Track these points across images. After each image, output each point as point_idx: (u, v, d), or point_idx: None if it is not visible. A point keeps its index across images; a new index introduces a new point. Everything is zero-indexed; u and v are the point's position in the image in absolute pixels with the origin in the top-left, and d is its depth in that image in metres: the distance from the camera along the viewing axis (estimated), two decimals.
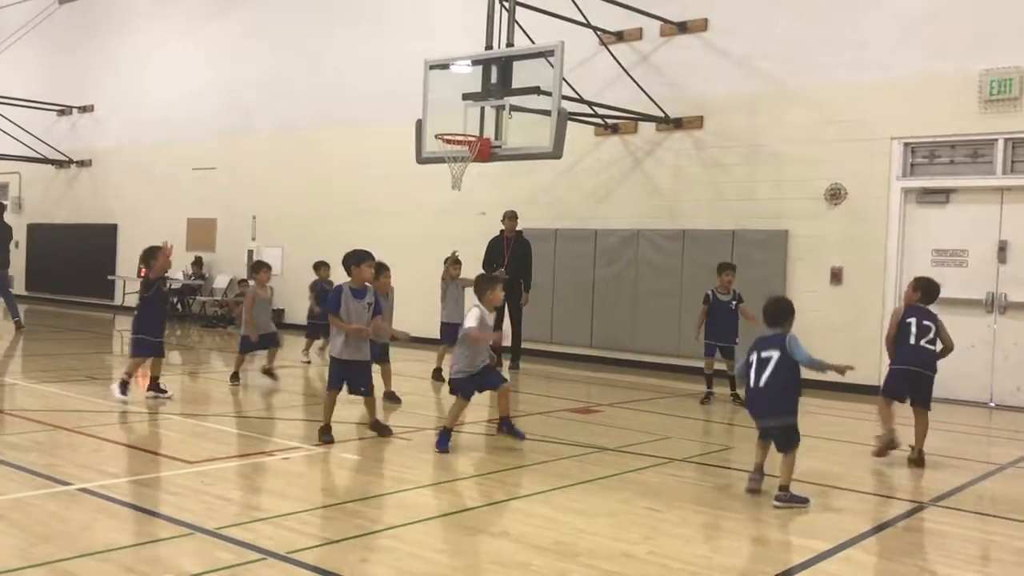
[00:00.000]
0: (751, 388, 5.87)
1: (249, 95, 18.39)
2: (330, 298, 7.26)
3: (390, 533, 4.74)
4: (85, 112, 21.91)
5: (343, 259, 7.39)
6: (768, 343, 5.85)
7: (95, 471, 5.87)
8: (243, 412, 8.73)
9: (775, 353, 5.75)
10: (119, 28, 21.32)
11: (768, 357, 5.77)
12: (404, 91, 13.59)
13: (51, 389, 9.43)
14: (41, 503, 5.10)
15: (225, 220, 18.82)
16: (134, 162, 20.70)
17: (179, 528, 4.67)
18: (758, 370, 5.80)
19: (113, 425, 7.63)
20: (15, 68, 23.22)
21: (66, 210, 22.22)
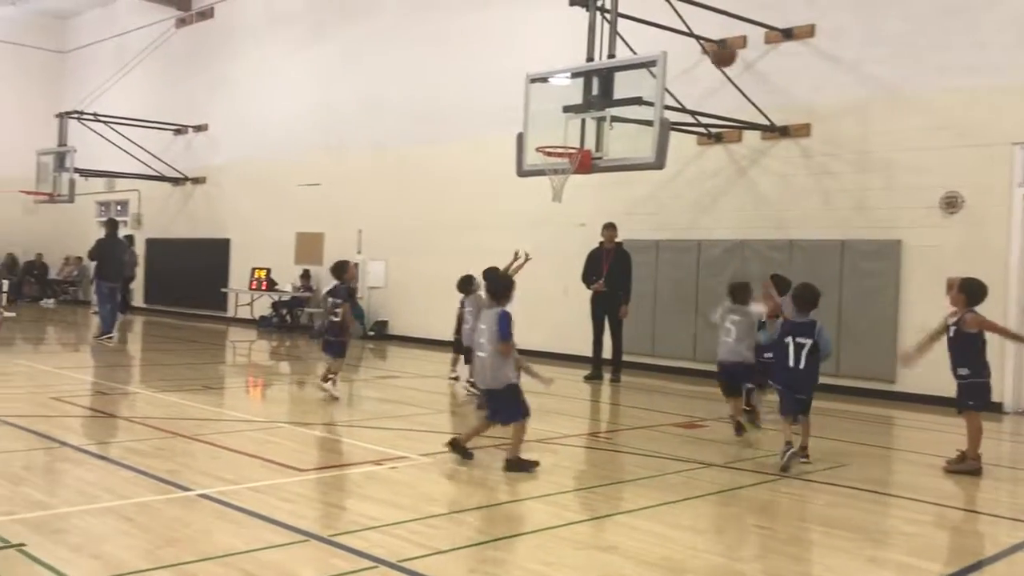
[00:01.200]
0: (791, 368, 7.02)
1: (353, 112, 18.85)
2: (506, 325, 6.68)
3: (498, 544, 4.77)
4: (199, 131, 22.83)
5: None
6: (803, 330, 7.04)
7: (213, 477, 6.09)
8: (350, 421, 8.92)
9: (809, 341, 6.98)
10: (231, 51, 22.17)
11: (803, 343, 6.99)
12: (502, 105, 13.72)
13: (170, 398, 9.82)
14: (164, 507, 5.31)
15: (332, 234, 19.30)
16: (245, 178, 21.45)
17: (294, 535, 4.79)
18: (796, 353, 7.00)
19: (228, 433, 7.90)
20: (135, 91, 24.40)
21: (182, 225, 23.16)
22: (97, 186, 24.07)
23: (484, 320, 6.82)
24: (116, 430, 8.08)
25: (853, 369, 11.82)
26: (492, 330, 6.66)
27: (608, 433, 8.66)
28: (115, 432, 8.00)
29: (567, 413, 9.89)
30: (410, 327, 17.48)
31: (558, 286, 14.16)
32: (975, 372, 7.18)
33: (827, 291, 11.97)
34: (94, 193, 24.38)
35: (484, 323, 6.79)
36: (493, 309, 6.81)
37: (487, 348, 6.70)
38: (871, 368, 11.76)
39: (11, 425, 7.73)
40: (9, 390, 10.47)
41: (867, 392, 11.67)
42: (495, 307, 6.82)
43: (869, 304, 11.85)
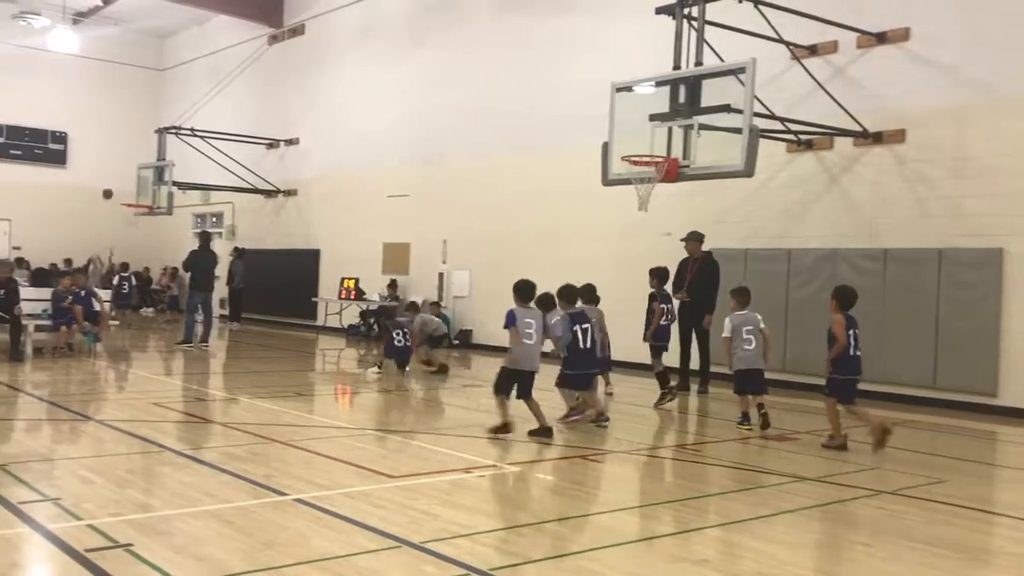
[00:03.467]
0: (853, 355, 8.22)
1: (438, 124, 19.08)
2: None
3: (589, 555, 4.75)
4: (291, 145, 23.43)
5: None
6: (856, 322, 8.35)
7: (307, 482, 6.22)
8: (438, 429, 9.01)
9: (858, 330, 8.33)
10: (321, 66, 22.71)
11: (858, 333, 8.31)
12: (588, 115, 13.70)
13: (264, 404, 10.08)
14: (262, 511, 5.46)
15: (418, 244, 19.56)
16: (334, 190, 21.91)
17: (386, 540, 4.86)
18: (856, 341, 8.23)
19: (320, 439, 8.06)
20: (230, 106, 25.19)
21: (274, 236, 23.78)
22: (194, 199, 24.90)
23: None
24: (213, 435, 8.33)
25: (952, 382, 11.43)
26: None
27: (696, 445, 8.55)
28: (212, 437, 8.25)
29: (654, 424, 9.80)
30: (495, 336, 17.57)
31: (643, 297, 14.07)
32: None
33: (924, 301, 11.70)
34: (191, 205, 25.22)
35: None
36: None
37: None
38: (971, 381, 11.35)
39: (115, 429, 8.04)
40: (113, 395, 10.90)
41: (966, 406, 11.25)
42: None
43: (968, 315, 11.44)
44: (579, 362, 8.79)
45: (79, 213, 26.28)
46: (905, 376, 11.87)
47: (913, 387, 11.77)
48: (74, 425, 8.50)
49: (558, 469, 7.23)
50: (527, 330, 8.14)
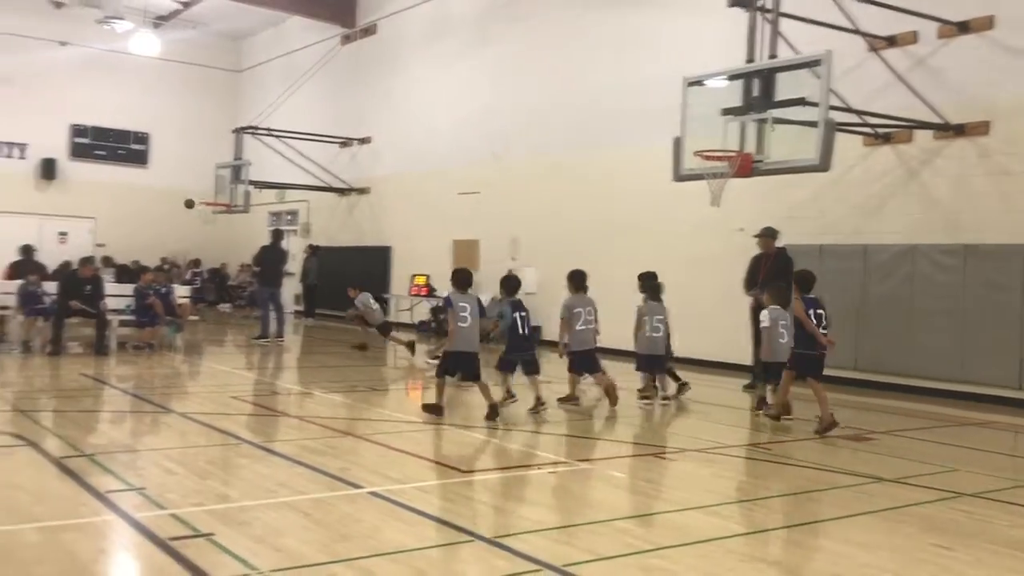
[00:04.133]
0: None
1: (507, 121, 19.13)
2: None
3: (661, 553, 4.73)
4: (363, 143, 23.74)
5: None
6: (817, 302, 9.00)
7: (381, 476, 6.32)
8: (508, 425, 9.05)
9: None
10: (393, 65, 22.96)
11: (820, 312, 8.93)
12: (659, 109, 13.59)
13: (338, 398, 10.26)
14: (337, 504, 5.56)
15: (487, 241, 19.65)
16: (405, 188, 22.14)
17: (459, 534, 4.92)
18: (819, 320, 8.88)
19: (393, 433, 8.17)
20: (304, 106, 25.63)
21: (347, 233, 24.14)
22: (269, 197, 25.39)
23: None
24: (289, 428, 8.51)
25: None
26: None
27: (770, 444, 8.43)
28: (288, 430, 8.43)
29: (727, 423, 9.70)
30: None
31: (716, 293, 13.91)
32: None
33: (1007, 298, 11.33)
34: (266, 204, 25.73)
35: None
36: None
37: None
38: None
39: (196, 422, 8.28)
40: (194, 389, 11.21)
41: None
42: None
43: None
44: (516, 346, 9.58)
45: (160, 211, 27.02)
46: (987, 376, 11.51)
47: (995, 387, 11.41)
48: (156, 417, 8.77)
49: (629, 466, 7.20)
50: (462, 313, 8.84)
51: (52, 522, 4.91)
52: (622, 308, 11.16)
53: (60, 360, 12.43)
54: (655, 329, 10.23)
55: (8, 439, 7.17)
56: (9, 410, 8.85)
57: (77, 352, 13.26)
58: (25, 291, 13.39)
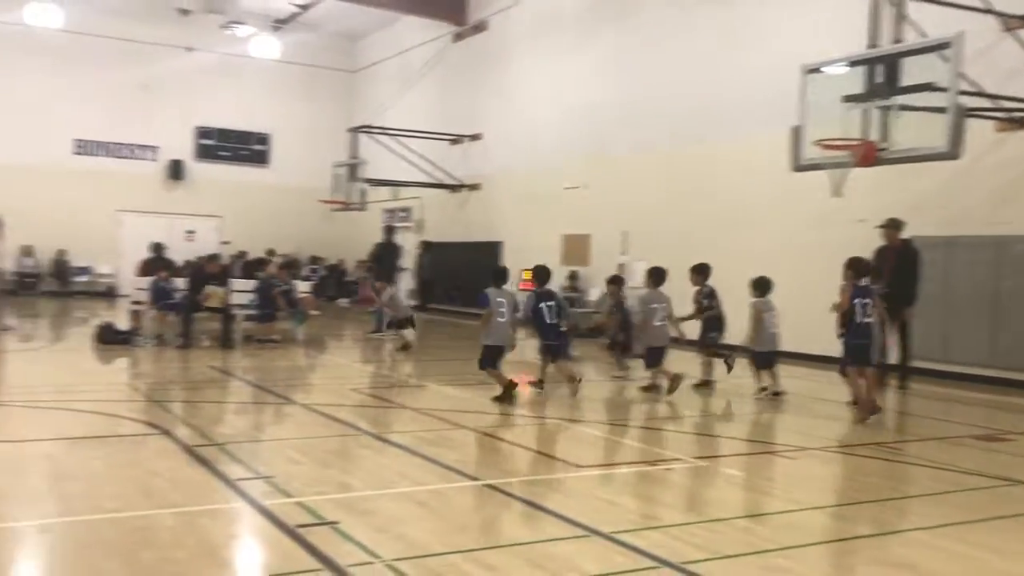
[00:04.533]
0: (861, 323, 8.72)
1: (620, 112, 18.99)
2: None
3: (784, 553, 4.61)
4: (475, 140, 23.98)
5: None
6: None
7: (497, 469, 6.38)
8: (623, 421, 9.00)
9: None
10: (503, 61, 23.10)
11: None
12: (773, 99, 13.25)
13: (452, 391, 10.41)
14: (455, 495, 5.64)
15: (598, 235, 19.56)
16: (515, 183, 22.25)
17: (575, 529, 4.91)
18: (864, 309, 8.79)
19: (506, 427, 8.23)
20: (416, 104, 26.08)
21: (458, 229, 24.43)
22: (383, 194, 25.93)
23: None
24: (406, 420, 8.66)
25: None
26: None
27: (896, 444, 8.11)
28: (405, 422, 8.57)
29: (848, 421, 9.38)
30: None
31: (836, 287, 13.46)
32: None
33: None
34: (381, 201, 26.27)
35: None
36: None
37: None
38: None
39: (317, 413, 8.53)
40: (314, 381, 11.56)
41: None
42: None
43: None
44: (544, 335, 9.90)
45: (280, 210, 27.95)
46: None
47: None
48: (280, 408, 9.08)
49: (747, 465, 7.06)
50: (500, 309, 9.34)
51: (187, 508, 5.14)
52: (738, 303, 10.93)
53: (190, 353, 12.99)
54: (774, 326, 10.09)
55: (144, 428, 7.54)
56: (144, 400, 9.32)
57: (205, 345, 13.83)
58: (157, 287, 14.06)
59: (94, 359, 12.55)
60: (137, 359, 12.49)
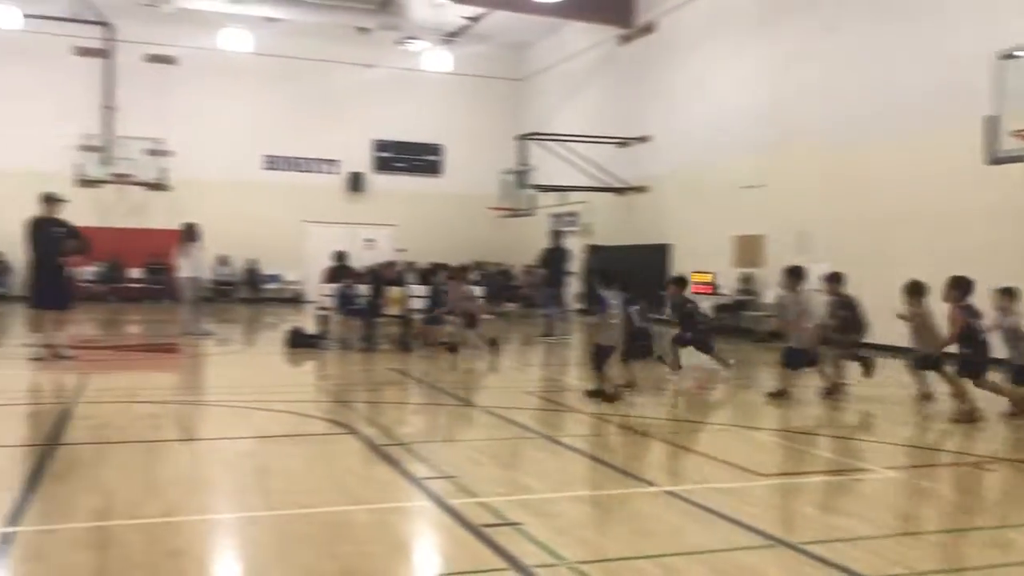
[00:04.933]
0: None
1: (793, 110, 18.39)
2: None
3: (992, 572, 4.34)
4: (642, 142, 23.82)
5: None
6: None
7: (676, 475, 6.33)
8: (803, 428, 8.70)
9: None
10: (671, 61, 22.85)
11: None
12: (955, 90, 12.46)
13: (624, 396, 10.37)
14: (635, 501, 5.63)
15: (772, 236, 19.00)
16: (685, 185, 21.95)
17: (761, 538, 4.80)
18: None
19: (683, 433, 8.14)
20: (583, 108, 26.19)
21: (626, 232, 24.32)
22: (551, 199, 26.18)
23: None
24: (580, 424, 8.70)
25: None
26: None
27: None
28: (580, 426, 8.62)
29: None
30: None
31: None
32: None
33: None
34: (548, 206, 26.54)
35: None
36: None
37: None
38: None
39: (494, 415, 8.71)
40: (489, 384, 11.81)
41: None
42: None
43: None
44: (633, 337, 9.96)
45: (453, 217, 28.76)
46: None
47: None
48: (458, 410, 9.33)
49: (944, 477, 6.68)
50: (614, 311, 9.56)
51: (378, 504, 5.38)
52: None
53: (372, 356, 13.55)
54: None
55: (334, 427, 7.95)
56: (331, 401, 9.81)
57: (385, 349, 14.39)
58: (342, 293, 14.77)
59: (285, 362, 13.32)
60: (324, 361, 13.16)
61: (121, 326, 19.37)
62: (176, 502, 5.40)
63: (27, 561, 4.24)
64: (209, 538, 4.85)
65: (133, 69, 26.46)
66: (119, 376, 11.36)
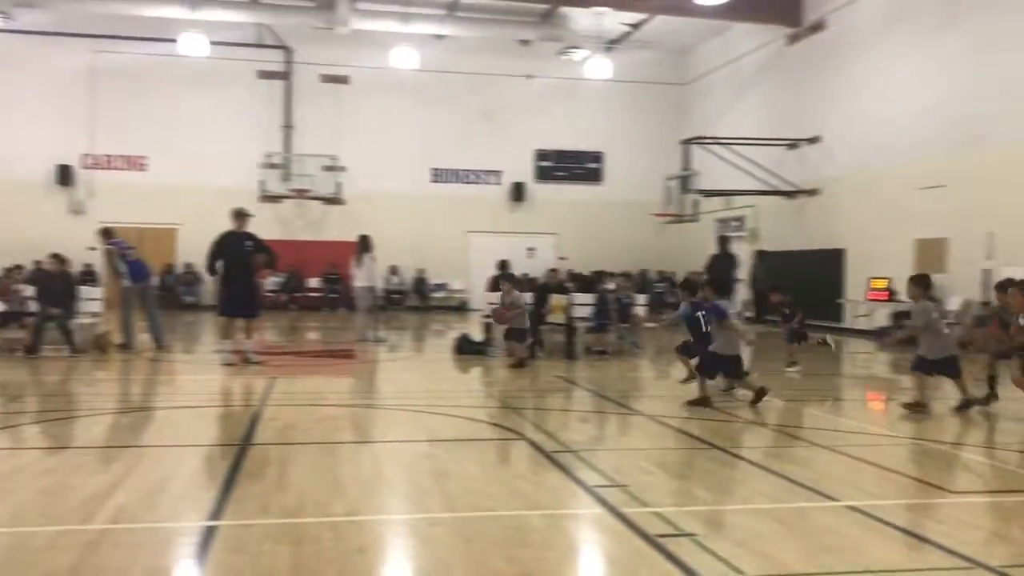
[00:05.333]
0: None
1: (978, 106, 17.30)
2: None
3: None
4: (812, 144, 23.00)
5: None
6: None
7: (857, 489, 6.05)
8: (984, 444, 8.16)
9: None
10: (843, 59, 21.96)
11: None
12: None
13: (800, 407, 10.05)
14: (814, 514, 5.44)
15: (957, 239, 17.93)
16: (859, 187, 21.02)
17: (956, 559, 4.53)
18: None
19: (862, 446, 7.77)
20: (749, 111, 25.59)
21: (796, 237, 23.54)
22: (715, 204, 25.70)
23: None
24: (752, 434, 8.49)
25: None
26: None
27: None
28: (752, 436, 8.41)
29: None
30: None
31: None
32: None
33: None
34: (713, 211, 26.05)
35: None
36: None
37: None
38: None
39: (661, 424, 8.63)
40: (655, 392, 11.70)
41: None
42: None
43: None
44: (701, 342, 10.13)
45: (614, 225, 28.73)
46: None
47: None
48: (625, 418, 9.30)
49: None
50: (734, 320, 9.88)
51: (552, 511, 5.44)
52: None
53: (536, 363, 13.69)
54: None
55: (504, 432, 8.10)
56: (500, 407, 9.99)
57: (547, 356, 14.50)
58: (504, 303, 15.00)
59: (454, 368, 13.66)
60: (490, 368, 13.41)
61: (301, 333, 20.42)
62: (360, 502, 5.65)
63: (230, 553, 4.54)
64: (392, 537, 5.05)
65: (309, 89, 27.94)
66: (301, 380, 11.97)
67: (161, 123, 26.79)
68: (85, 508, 5.21)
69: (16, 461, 6.75)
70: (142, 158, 27.28)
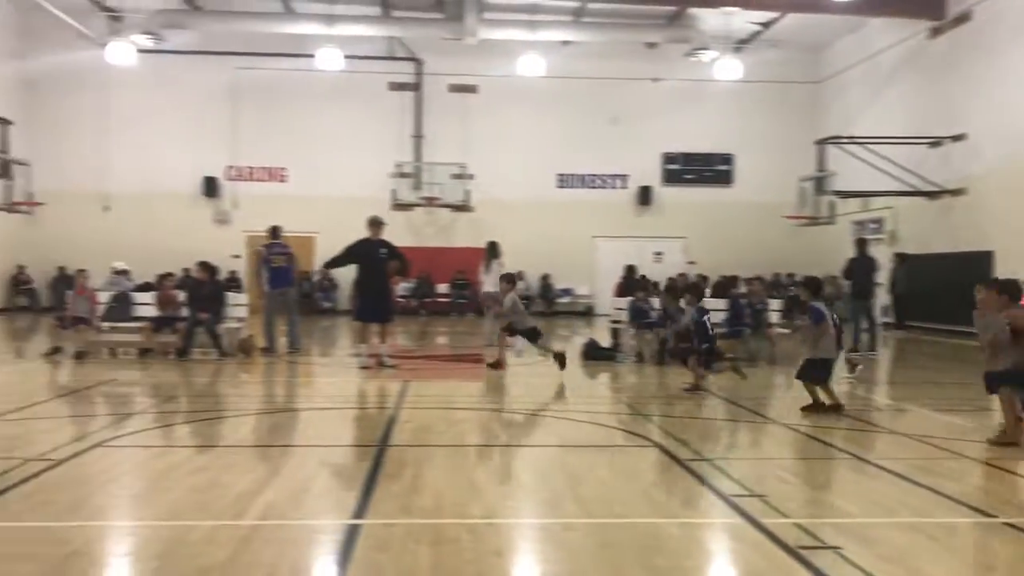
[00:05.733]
0: None
1: None
2: None
3: None
4: (957, 141, 21.90)
5: None
6: None
7: (1016, 506, 5.75)
8: None
9: None
10: (989, 52, 20.84)
11: None
12: None
13: (943, 417, 9.61)
14: (969, 531, 5.23)
15: None
16: (1008, 184, 19.88)
17: None
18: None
19: (1014, 459, 7.36)
20: (888, 108, 24.62)
21: (940, 239, 22.46)
22: (852, 206, 24.80)
23: None
24: (894, 445, 8.14)
25: None
26: None
27: None
28: (893, 447, 8.06)
29: None
30: None
31: None
32: None
33: None
34: (849, 213, 25.15)
35: None
36: None
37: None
38: None
39: (797, 432, 8.38)
40: (787, 400, 11.36)
41: None
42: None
43: None
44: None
45: (745, 227, 28.08)
46: None
47: None
48: (759, 426, 9.08)
49: None
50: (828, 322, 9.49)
51: (688, 519, 5.39)
52: None
53: (665, 369, 13.54)
54: None
55: (635, 439, 8.05)
56: (629, 413, 9.92)
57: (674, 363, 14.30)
58: (635, 307, 14.92)
59: (582, 373, 13.66)
60: (618, 374, 13.35)
61: (432, 337, 20.84)
62: (496, 504, 5.73)
63: (374, 551, 4.69)
64: (529, 541, 5.10)
65: (438, 99, 28.53)
66: (433, 384, 12.23)
67: (299, 135, 27.88)
68: (237, 505, 5.48)
69: (171, 459, 7.16)
70: (282, 169, 28.46)
